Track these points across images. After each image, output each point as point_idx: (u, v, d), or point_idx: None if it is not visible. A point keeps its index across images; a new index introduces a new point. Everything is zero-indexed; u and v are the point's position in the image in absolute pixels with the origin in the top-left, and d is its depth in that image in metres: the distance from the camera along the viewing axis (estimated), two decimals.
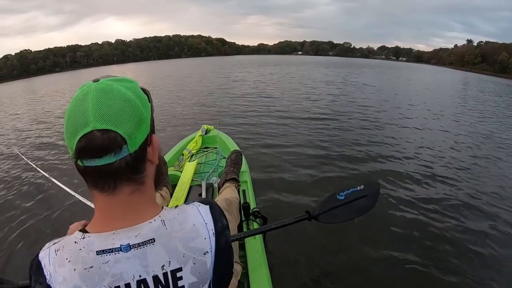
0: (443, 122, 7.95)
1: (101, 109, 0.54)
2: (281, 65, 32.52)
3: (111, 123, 0.54)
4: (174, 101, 11.45)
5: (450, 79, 28.58)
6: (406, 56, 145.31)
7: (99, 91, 0.55)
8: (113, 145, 0.54)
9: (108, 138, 0.54)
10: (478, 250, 2.72)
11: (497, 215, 3.28)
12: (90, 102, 0.54)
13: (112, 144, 0.54)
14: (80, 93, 0.57)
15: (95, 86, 0.56)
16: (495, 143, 6.19)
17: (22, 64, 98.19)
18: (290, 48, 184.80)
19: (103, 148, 0.54)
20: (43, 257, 0.59)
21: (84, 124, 0.53)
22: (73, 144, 0.54)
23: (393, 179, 4.06)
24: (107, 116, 0.54)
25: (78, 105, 0.55)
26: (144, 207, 0.62)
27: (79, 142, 0.53)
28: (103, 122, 0.53)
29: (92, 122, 0.53)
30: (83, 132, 0.53)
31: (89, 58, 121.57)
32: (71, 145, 0.55)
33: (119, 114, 0.55)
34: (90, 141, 0.53)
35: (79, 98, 0.56)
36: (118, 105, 0.55)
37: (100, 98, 0.55)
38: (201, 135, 3.59)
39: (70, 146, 0.56)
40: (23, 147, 6.37)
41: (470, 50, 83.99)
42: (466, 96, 14.96)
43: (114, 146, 0.55)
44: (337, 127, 6.86)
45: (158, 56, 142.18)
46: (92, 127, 0.53)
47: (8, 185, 4.36)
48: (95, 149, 0.53)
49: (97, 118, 0.53)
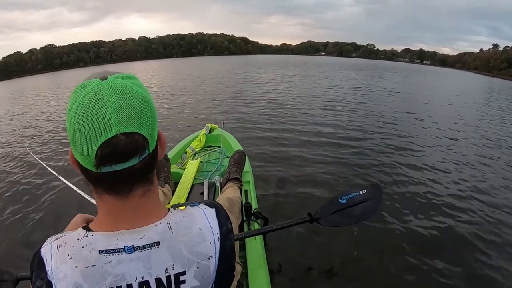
0: (480, 139, 6.90)
1: (123, 111, 0.51)
2: (301, 66, 31.98)
3: (134, 125, 0.52)
4: (179, 98, 11.61)
5: (482, 87, 27.08)
6: (430, 59, 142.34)
7: (115, 90, 0.52)
8: (138, 148, 0.54)
9: (133, 141, 0.52)
10: (486, 258, 2.65)
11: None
12: (109, 103, 0.51)
13: (138, 147, 0.53)
14: (88, 94, 0.52)
15: (107, 85, 0.52)
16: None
17: (47, 58, 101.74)
18: (313, 48, 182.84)
19: (129, 152, 0.53)
20: (45, 253, 0.58)
21: (106, 129, 0.50)
22: (91, 151, 0.51)
23: (400, 184, 4.00)
24: (130, 117, 0.52)
25: (92, 108, 0.51)
26: (152, 209, 0.62)
27: (102, 149, 0.50)
28: (127, 125, 0.51)
29: (116, 126, 0.50)
30: (106, 137, 0.50)
31: (113, 54, 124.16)
32: (88, 153, 0.51)
33: (140, 115, 0.54)
34: (115, 145, 0.51)
35: (91, 100, 0.51)
36: (138, 105, 0.54)
37: (120, 99, 0.52)
38: (205, 134, 3.60)
39: (85, 154, 0.52)
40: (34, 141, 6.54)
41: (496, 55, 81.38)
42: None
43: (139, 148, 0.54)
44: (347, 131, 6.73)
45: (181, 53, 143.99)
46: (117, 131, 0.50)
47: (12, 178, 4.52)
48: (121, 153, 0.52)
49: (120, 121, 0.51)
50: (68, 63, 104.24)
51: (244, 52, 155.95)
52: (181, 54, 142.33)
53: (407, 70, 43.13)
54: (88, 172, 0.55)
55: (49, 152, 5.72)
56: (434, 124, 7.94)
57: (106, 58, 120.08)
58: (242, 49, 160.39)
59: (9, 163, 5.22)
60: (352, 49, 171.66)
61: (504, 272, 2.49)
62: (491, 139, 6.80)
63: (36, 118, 9.69)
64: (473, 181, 4.29)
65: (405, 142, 6.05)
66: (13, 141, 6.88)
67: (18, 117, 10.38)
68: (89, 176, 0.55)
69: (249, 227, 2.03)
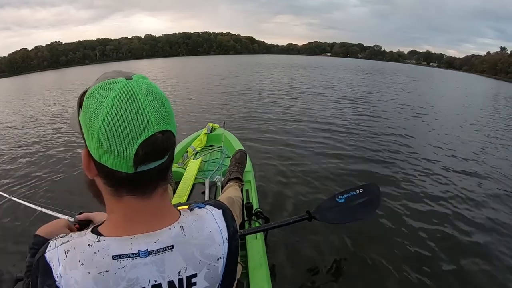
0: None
1: (158, 110, 0.53)
2: (308, 69, 31.58)
3: (167, 123, 0.54)
4: (181, 97, 11.63)
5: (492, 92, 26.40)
6: (437, 61, 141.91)
7: (145, 90, 0.53)
8: (171, 144, 0.56)
9: (167, 138, 0.54)
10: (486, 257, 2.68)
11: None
12: (145, 103, 0.52)
13: (171, 144, 0.56)
14: (120, 94, 0.51)
15: (137, 85, 0.53)
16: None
17: (53, 55, 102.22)
18: (320, 49, 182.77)
19: (165, 148, 0.54)
20: (51, 258, 0.56)
21: (145, 127, 0.51)
22: (130, 150, 0.50)
23: (399, 184, 4.02)
24: (164, 116, 0.53)
25: (128, 107, 0.50)
26: (167, 210, 0.62)
27: (143, 147, 0.51)
28: (163, 123, 0.53)
29: (155, 124, 0.51)
30: (146, 136, 0.51)
31: (119, 52, 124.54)
32: (126, 153, 0.51)
33: (169, 113, 0.56)
34: (154, 143, 0.52)
35: (125, 99, 0.51)
36: (166, 104, 0.56)
37: (152, 98, 0.53)
38: (206, 133, 3.60)
39: (122, 154, 0.51)
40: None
41: (504, 58, 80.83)
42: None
43: (172, 145, 0.56)
44: (348, 131, 6.72)
45: (187, 52, 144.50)
46: (155, 129, 0.51)
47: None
48: (159, 151, 0.53)
49: (158, 120, 0.52)
50: (73, 61, 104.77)
51: (250, 51, 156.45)
52: (187, 53, 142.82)
53: (415, 73, 42.67)
54: (115, 174, 0.54)
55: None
56: (438, 125, 8.00)
57: (112, 56, 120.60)
58: (248, 48, 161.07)
59: None
60: (359, 50, 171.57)
61: (504, 271, 2.51)
62: (498, 141, 6.85)
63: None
64: (473, 180, 4.33)
65: (406, 142, 6.12)
66: None
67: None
68: (116, 178, 0.54)
69: (250, 226, 2.03)
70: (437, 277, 2.40)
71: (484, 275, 2.47)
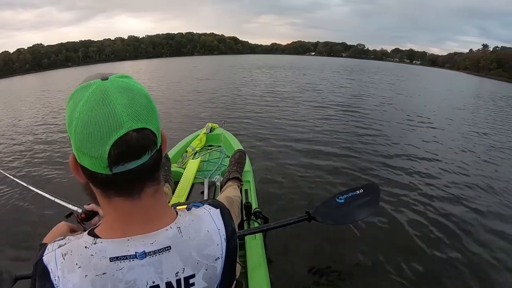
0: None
1: (131, 108, 0.51)
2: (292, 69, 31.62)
3: (143, 121, 0.52)
4: (179, 98, 11.56)
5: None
6: (420, 59, 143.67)
7: (119, 89, 0.52)
8: (150, 143, 0.54)
9: (144, 136, 0.52)
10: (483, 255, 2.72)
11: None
12: (117, 101, 0.50)
13: (149, 142, 0.54)
14: (93, 95, 0.50)
15: (110, 84, 0.52)
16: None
17: (35, 58, 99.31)
18: (303, 48, 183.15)
19: (142, 147, 0.52)
20: (49, 261, 0.56)
21: (117, 127, 0.49)
22: (103, 151, 0.50)
23: (397, 183, 4.05)
24: (138, 114, 0.52)
25: (99, 108, 0.49)
26: (162, 210, 0.62)
27: (115, 147, 0.50)
28: (137, 121, 0.51)
29: (127, 123, 0.50)
30: (118, 135, 0.49)
31: (102, 54, 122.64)
32: (99, 154, 0.50)
33: (147, 110, 0.54)
34: (128, 142, 0.50)
35: (97, 99, 0.50)
36: (143, 102, 0.54)
37: (126, 97, 0.52)
38: (206, 133, 3.60)
39: (96, 155, 0.50)
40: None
41: (486, 55, 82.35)
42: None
43: (150, 143, 0.54)
44: (345, 131, 6.81)
45: (171, 53, 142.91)
46: (128, 127, 0.50)
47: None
48: (134, 150, 0.51)
49: (131, 118, 0.50)
50: (56, 63, 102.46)
51: (234, 51, 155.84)
52: (170, 54, 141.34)
53: (399, 70, 43.32)
54: (97, 176, 0.53)
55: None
56: (432, 124, 8.13)
57: (95, 57, 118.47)
58: (232, 48, 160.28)
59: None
60: (342, 49, 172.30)
61: (505, 270, 2.54)
62: (494, 138, 7.06)
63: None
64: (473, 179, 4.37)
65: (405, 142, 6.18)
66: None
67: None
68: (98, 180, 0.54)
69: (249, 226, 2.04)
70: (437, 277, 2.42)
71: (484, 275, 2.49)
